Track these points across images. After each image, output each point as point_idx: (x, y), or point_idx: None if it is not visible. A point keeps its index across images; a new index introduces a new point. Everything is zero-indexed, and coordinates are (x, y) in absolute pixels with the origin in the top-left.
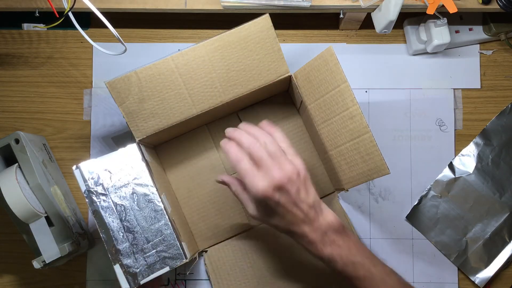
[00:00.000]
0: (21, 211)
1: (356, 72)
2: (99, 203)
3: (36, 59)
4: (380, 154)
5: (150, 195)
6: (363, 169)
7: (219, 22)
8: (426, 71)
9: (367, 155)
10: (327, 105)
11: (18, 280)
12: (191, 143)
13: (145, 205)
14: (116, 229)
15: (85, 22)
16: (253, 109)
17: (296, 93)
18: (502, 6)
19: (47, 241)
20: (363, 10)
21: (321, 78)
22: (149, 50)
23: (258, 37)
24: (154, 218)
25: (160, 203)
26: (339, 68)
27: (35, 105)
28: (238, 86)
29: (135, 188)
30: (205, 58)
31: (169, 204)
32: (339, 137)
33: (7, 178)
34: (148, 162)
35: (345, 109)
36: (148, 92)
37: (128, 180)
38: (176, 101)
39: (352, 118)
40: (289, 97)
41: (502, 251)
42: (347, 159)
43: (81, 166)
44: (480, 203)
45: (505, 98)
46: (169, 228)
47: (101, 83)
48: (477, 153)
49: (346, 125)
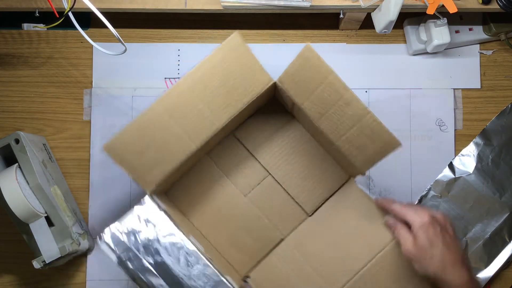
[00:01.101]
0: (21, 211)
1: (356, 72)
2: (135, 269)
3: (36, 59)
4: (387, 130)
5: (180, 242)
6: (374, 149)
7: (219, 22)
8: (426, 71)
9: (374, 135)
10: (320, 100)
11: (18, 280)
12: (199, 177)
13: (178, 253)
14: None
15: (85, 22)
16: (248, 125)
17: (285, 97)
18: (502, 6)
19: (47, 241)
20: (363, 10)
21: (307, 76)
22: (149, 50)
23: (234, 56)
24: (191, 263)
25: (191, 246)
26: (322, 61)
27: (35, 105)
28: (228, 109)
29: (162, 240)
30: (188, 92)
31: (199, 243)
32: (341, 126)
33: (7, 178)
34: (165, 210)
35: (339, 98)
36: (144, 144)
37: (153, 236)
38: (174, 143)
39: (349, 104)
40: (278, 103)
41: (502, 251)
42: (355, 144)
43: (104, 237)
44: (480, 203)
45: (505, 98)
46: (209, 268)
47: (101, 83)
48: (477, 153)
49: (345, 113)
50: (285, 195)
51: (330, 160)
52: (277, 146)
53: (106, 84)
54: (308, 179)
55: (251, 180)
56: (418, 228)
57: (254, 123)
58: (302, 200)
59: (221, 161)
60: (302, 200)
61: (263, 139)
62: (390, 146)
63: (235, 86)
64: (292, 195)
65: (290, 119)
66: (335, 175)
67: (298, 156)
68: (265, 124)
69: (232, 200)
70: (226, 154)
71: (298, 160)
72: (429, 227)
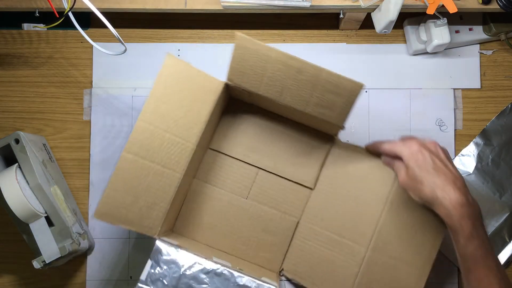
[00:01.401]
0: (21, 211)
1: (356, 72)
2: None
3: (36, 59)
4: (346, 78)
5: (205, 268)
6: (342, 100)
7: (219, 22)
8: (426, 71)
9: (336, 88)
10: (273, 79)
11: (18, 280)
12: (197, 201)
13: (208, 279)
14: None
15: (85, 22)
16: (219, 133)
17: (241, 92)
18: (502, 6)
19: (47, 241)
20: (363, 10)
21: (251, 63)
22: (149, 50)
23: (176, 76)
24: (225, 282)
25: (218, 266)
26: (258, 43)
27: (35, 105)
28: (194, 127)
29: (188, 272)
30: (150, 128)
31: (224, 260)
32: (303, 93)
33: (7, 178)
34: (179, 245)
35: (289, 69)
36: (131, 194)
37: (179, 273)
38: (158, 181)
39: (301, 71)
40: (237, 102)
41: (502, 251)
42: (324, 104)
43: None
44: (480, 203)
45: (505, 98)
46: (244, 277)
47: (101, 83)
48: (477, 153)
49: (301, 80)
50: (282, 180)
51: (308, 130)
52: (254, 140)
53: (106, 84)
54: (296, 156)
55: (245, 182)
56: (408, 158)
57: (224, 128)
58: (300, 178)
59: (210, 177)
60: (299, 178)
61: (239, 139)
62: (355, 91)
63: (190, 103)
64: (289, 178)
65: (255, 110)
66: (318, 142)
67: (278, 141)
68: (235, 124)
69: (236, 207)
70: (211, 169)
71: (279, 145)
72: (418, 154)
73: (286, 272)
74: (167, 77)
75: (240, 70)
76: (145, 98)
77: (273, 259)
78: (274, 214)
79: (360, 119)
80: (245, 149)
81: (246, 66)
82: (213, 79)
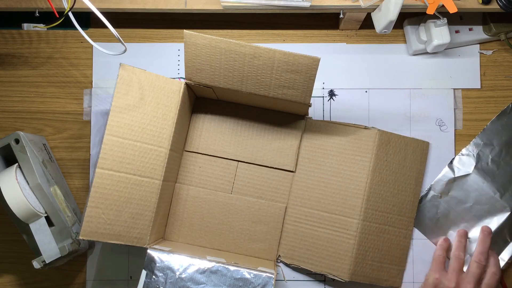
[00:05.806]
0: (21, 211)
1: (356, 72)
2: None
3: (36, 59)
4: (301, 54)
5: (200, 268)
6: (302, 77)
7: (219, 22)
8: (426, 71)
9: (293, 66)
10: (230, 69)
11: (18, 280)
12: (183, 205)
13: (205, 278)
14: None
15: (85, 22)
16: (192, 134)
17: (203, 89)
18: (502, 6)
19: (47, 241)
20: (363, 10)
21: (204, 58)
22: (149, 50)
23: (135, 85)
24: (222, 278)
25: (213, 264)
26: (207, 37)
27: (35, 105)
28: (163, 132)
29: (183, 275)
30: (119, 140)
31: (219, 258)
32: (263, 77)
33: (7, 178)
34: (171, 251)
35: (243, 56)
36: (113, 209)
37: (175, 277)
38: (138, 190)
39: (255, 56)
40: (204, 100)
41: (503, 251)
42: (286, 85)
43: None
44: (480, 203)
45: (505, 98)
46: (240, 270)
47: (101, 83)
48: (477, 153)
49: (257, 65)
50: (263, 169)
51: (279, 115)
52: (228, 135)
53: (106, 84)
54: (272, 143)
55: (227, 177)
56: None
57: (197, 128)
58: (280, 163)
59: (192, 179)
60: (279, 163)
61: (213, 137)
62: (313, 65)
63: (154, 109)
64: (269, 165)
65: (224, 106)
66: (291, 125)
67: (252, 131)
68: (206, 123)
69: (223, 204)
70: (191, 171)
71: (253, 135)
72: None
73: (283, 258)
74: (125, 87)
75: (196, 67)
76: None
77: (268, 248)
78: (262, 204)
79: (360, 119)
80: (221, 145)
81: (201, 62)
82: (173, 81)
